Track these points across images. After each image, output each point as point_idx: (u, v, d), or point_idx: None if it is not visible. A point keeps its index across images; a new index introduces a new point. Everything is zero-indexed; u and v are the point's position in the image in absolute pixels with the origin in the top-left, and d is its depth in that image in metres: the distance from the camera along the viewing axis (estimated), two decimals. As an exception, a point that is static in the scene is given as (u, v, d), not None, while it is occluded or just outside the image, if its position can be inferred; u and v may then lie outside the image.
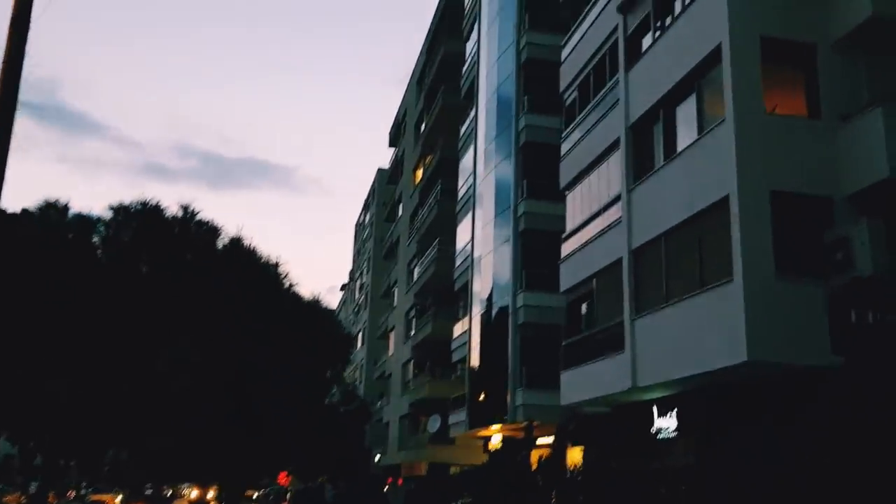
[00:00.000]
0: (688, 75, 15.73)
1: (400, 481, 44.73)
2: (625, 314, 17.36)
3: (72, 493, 53.00)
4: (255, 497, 60.47)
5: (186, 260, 14.41)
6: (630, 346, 16.96)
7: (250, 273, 14.58)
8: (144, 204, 14.19)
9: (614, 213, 18.75)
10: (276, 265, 15.15)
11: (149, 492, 48.18)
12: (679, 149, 16.08)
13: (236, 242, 14.44)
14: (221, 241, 15.14)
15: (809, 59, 14.38)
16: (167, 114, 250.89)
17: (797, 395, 13.37)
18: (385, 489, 46.28)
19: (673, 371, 15.20)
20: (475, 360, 30.84)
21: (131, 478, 44.15)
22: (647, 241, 16.81)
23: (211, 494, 50.28)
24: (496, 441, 28.79)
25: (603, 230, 19.27)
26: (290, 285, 15.53)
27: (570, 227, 21.79)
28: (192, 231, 14.80)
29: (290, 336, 14.37)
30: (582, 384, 19.71)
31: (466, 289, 33.06)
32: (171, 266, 13.88)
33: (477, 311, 31.14)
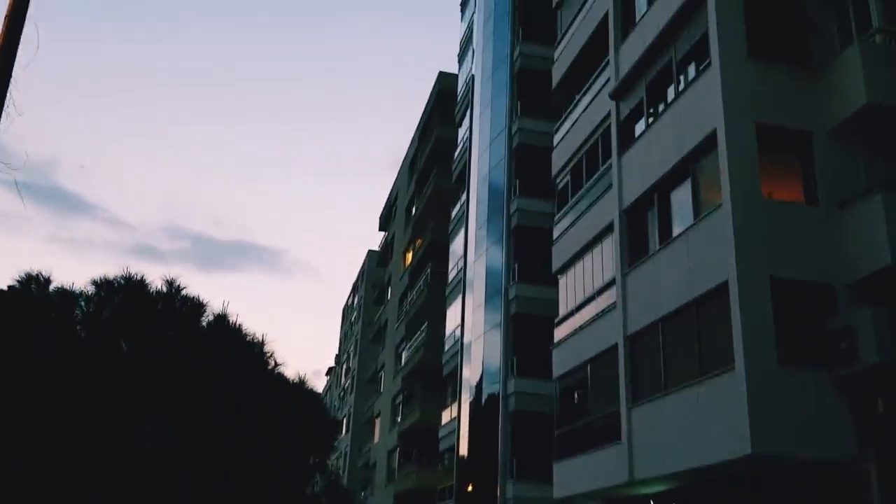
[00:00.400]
0: (682, 160, 15.69)
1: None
2: (621, 403, 16.79)
3: None
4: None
5: (169, 335, 13.86)
6: (627, 436, 16.32)
7: (235, 350, 13.98)
8: (128, 278, 13.72)
9: (608, 298, 18.42)
10: (262, 343, 14.57)
11: None
12: (675, 233, 15.89)
13: (221, 319, 13.92)
14: (206, 318, 14.59)
15: (805, 146, 14.36)
16: (160, 196, 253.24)
17: (803, 489, 12.76)
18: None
19: (672, 463, 14.53)
20: (464, 449, 29.85)
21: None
22: (643, 327, 16.41)
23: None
24: (484, 535, 27.57)
25: (597, 315, 18.88)
26: (276, 364, 14.91)
27: (562, 311, 21.42)
28: (177, 306, 14.29)
29: (274, 416, 13.63)
30: (576, 476, 18.93)
31: (456, 374, 32.32)
32: (154, 341, 13.30)
33: (466, 397, 30.34)
